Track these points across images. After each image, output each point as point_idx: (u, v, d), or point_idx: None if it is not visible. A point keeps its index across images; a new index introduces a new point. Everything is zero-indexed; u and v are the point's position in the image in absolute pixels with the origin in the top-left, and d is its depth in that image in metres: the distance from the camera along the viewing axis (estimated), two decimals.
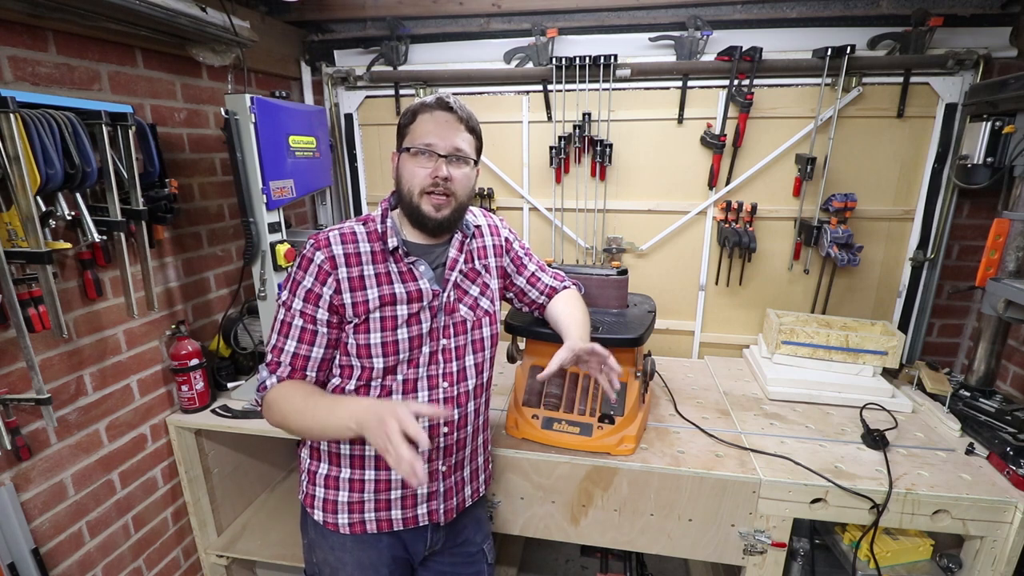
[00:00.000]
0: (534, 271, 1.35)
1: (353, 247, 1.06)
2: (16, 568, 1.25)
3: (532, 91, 2.07)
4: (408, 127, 1.07)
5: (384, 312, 1.06)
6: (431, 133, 1.04)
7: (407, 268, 1.09)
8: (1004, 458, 1.37)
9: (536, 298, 1.36)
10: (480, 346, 1.18)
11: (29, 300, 1.18)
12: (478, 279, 1.19)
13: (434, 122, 1.04)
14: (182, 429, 1.70)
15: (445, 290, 1.11)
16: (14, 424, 1.25)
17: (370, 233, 1.09)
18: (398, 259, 1.08)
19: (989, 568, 1.33)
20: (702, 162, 2.03)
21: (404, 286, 1.07)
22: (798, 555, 1.46)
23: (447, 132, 1.04)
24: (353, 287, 1.05)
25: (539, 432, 1.49)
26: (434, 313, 1.10)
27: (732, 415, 1.68)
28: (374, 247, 1.08)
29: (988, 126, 1.61)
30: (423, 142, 1.04)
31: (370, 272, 1.06)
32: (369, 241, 1.08)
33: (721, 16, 1.89)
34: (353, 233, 1.08)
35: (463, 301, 1.15)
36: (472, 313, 1.16)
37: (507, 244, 1.30)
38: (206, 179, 1.79)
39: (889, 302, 2.06)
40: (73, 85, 1.35)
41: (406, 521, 1.14)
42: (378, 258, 1.07)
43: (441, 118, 1.05)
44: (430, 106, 1.06)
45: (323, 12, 2.05)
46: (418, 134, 1.05)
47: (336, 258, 1.04)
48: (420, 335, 1.08)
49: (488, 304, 1.20)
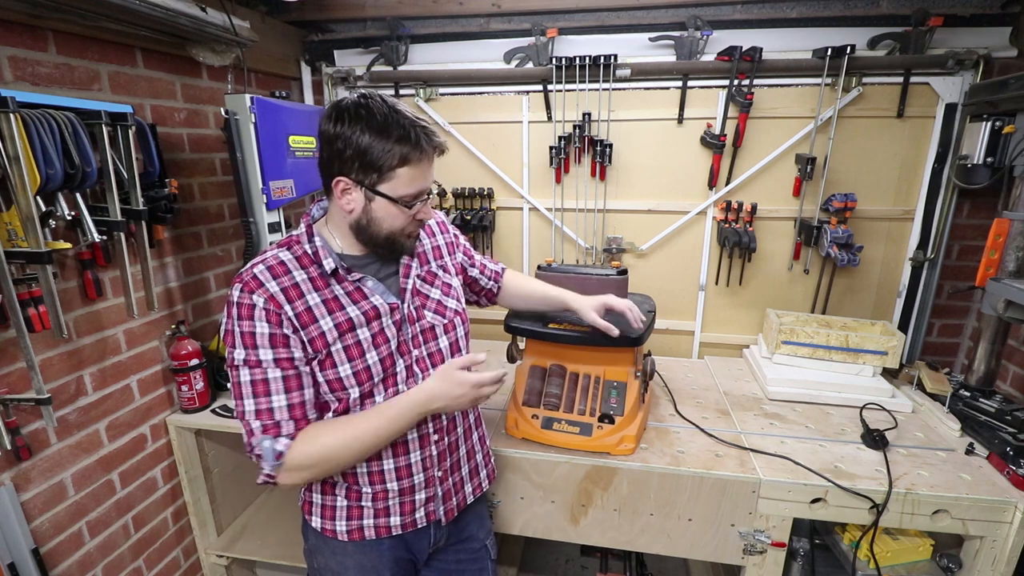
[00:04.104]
0: (480, 259, 1.36)
1: (288, 279, 0.95)
2: (16, 568, 1.25)
3: (532, 91, 2.07)
4: (394, 171, 0.91)
5: (346, 341, 0.98)
6: (421, 179, 0.94)
7: (354, 287, 1.00)
8: (1004, 458, 1.37)
9: (485, 284, 1.37)
10: (456, 347, 1.14)
11: (29, 300, 1.18)
12: (436, 281, 1.14)
13: (424, 167, 0.94)
14: (182, 429, 1.70)
15: (404, 300, 1.05)
16: (14, 424, 1.25)
17: (299, 258, 0.98)
18: (340, 279, 0.99)
19: (989, 568, 1.33)
20: (702, 162, 2.03)
21: (357, 307, 0.99)
22: (798, 555, 1.46)
23: (431, 172, 0.97)
24: (304, 323, 0.94)
25: (539, 432, 1.49)
26: (399, 327, 1.04)
27: (732, 415, 1.68)
28: (310, 272, 0.97)
29: (988, 126, 1.60)
30: (414, 192, 0.94)
31: (316, 301, 0.96)
32: (302, 267, 0.97)
33: (721, 16, 1.89)
34: (281, 263, 0.96)
35: (427, 307, 1.09)
36: (441, 317, 1.11)
37: (456, 239, 1.26)
38: (206, 179, 1.79)
39: (889, 302, 2.06)
40: (73, 85, 1.35)
41: (404, 526, 1.12)
42: (319, 284, 0.97)
43: (430, 161, 0.95)
44: (428, 152, 0.93)
45: (323, 12, 2.05)
46: (406, 180, 0.92)
47: (275, 296, 0.93)
48: (390, 353, 1.03)
49: (455, 303, 1.16)
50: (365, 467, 1.07)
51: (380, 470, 1.07)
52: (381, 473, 1.08)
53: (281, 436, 0.94)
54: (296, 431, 0.96)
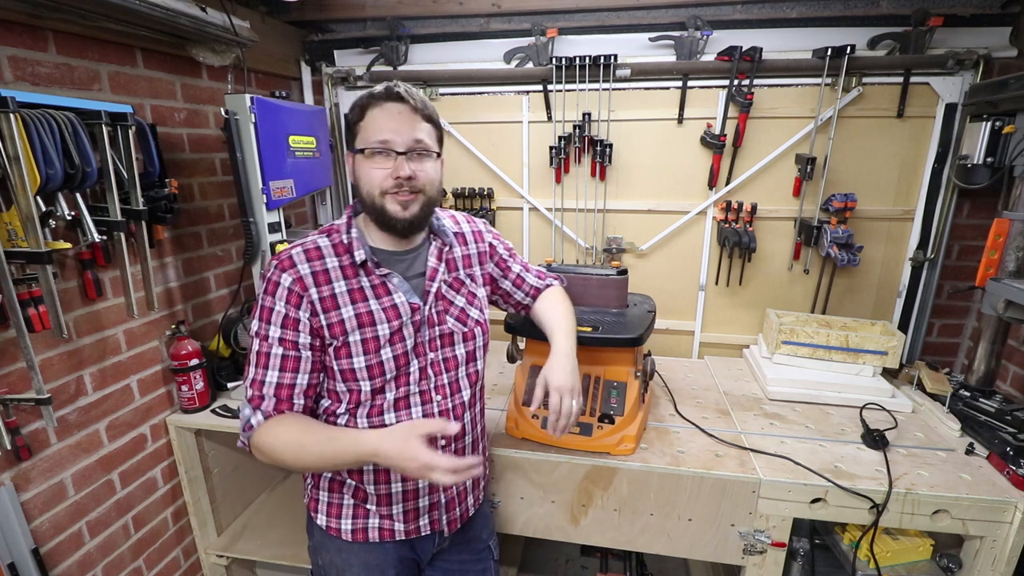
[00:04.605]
0: (519, 272, 1.31)
1: (320, 264, 0.99)
2: (16, 568, 1.25)
3: (532, 91, 2.07)
4: (358, 124, 0.98)
5: (364, 334, 1.00)
6: (385, 129, 0.95)
7: (380, 281, 1.02)
8: (1004, 458, 1.37)
9: (522, 299, 1.33)
10: (472, 356, 1.15)
11: (29, 300, 1.18)
12: (463, 289, 1.14)
13: (386, 116, 0.95)
14: (182, 429, 1.70)
15: (427, 303, 1.06)
16: (14, 424, 1.25)
17: (335, 246, 1.02)
18: (368, 272, 1.02)
19: (989, 568, 1.33)
20: (702, 162, 2.03)
21: (379, 302, 1.01)
22: (798, 555, 1.46)
23: (403, 126, 0.96)
24: (326, 307, 0.98)
25: (539, 432, 1.49)
26: (417, 328, 1.05)
27: (732, 415, 1.68)
28: (342, 261, 1.01)
29: (988, 126, 1.60)
30: (377, 140, 0.95)
31: (342, 289, 0.99)
32: (336, 255, 1.01)
33: (721, 16, 1.89)
34: (317, 248, 1.01)
35: (449, 312, 1.10)
36: (461, 325, 1.11)
37: (491, 249, 1.25)
38: (206, 179, 1.79)
39: (889, 302, 2.06)
40: (73, 85, 1.35)
41: (408, 532, 1.13)
42: (348, 272, 1.01)
43: (394, 110, 0.95)
44: (379, 98, 0.96)
45: (323, 12, 2.05)
46: (371, 131, 0.96)
47: (304, 278, 0.97)
48: (405, 352, 1.04)
49: (477, 314, 1.16)
50: (372, 465, 1.07)
51: (387, 469, 1.07)
52: (388, 472, 1.08)
53: (259, 410, 0.98)
54: (275, 411, 0.99)
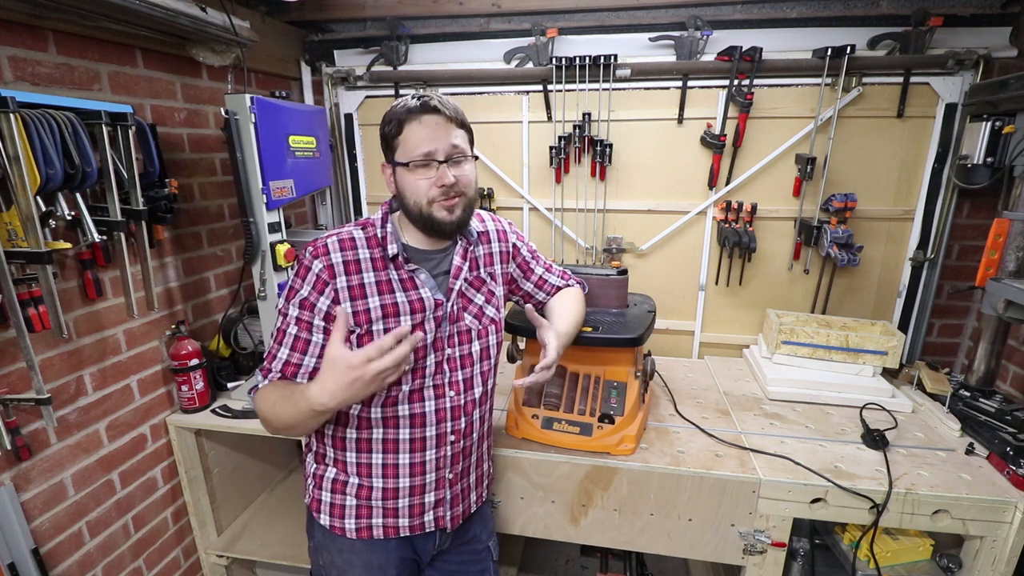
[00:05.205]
0: (541, 274, 1.35)
1: (352, 254, 1.04)
2: (16, 568, 1.25)
3: (532, 91, 2.07)
4: (397, 138, 1.02)
5: (388, 324, 1.03)
6: (426, 141, 0.99)
7: (408, 276, 1.06)
8: (1004, 458, 1.37)
9: (543, 299, 1.36)
10: (487, 354, 1.17)
11: (29, 300, 1.18)
12: (483, 287, 1.17)
13: (425, 128, 0.99)
14: (182, 429, 1.70)
15: (449, 299, 1.09)
16: (14, 424, 1.25)
17: (369, 239, 1.06)
18: (398, 266, 1.06)
19: (989, 568, 1.33)
20: (702, 162, 2.03)
21: (406, 295, 1.05)
22: (798, 555, 1.46)
23: (441, 135, 1.00)
24: (353, 296, 1.02)
25: (539, 432, 1.49)
26: (438, 323, 1.08)
27: (732, 415, 1.68)
28: (373, 253, 1.05)
29: (988, 126, 1.60)
30: (421, 152, 0.99)
31: (370, 280, 1.04)
32: (368, 247, 1.05)
33: (721, 16, 1.89)
34: (352, 239, 1.05)
35: (468, 310, 1.13)
36: (478, 322, 1.14)
37: (514, 250, 1.28)
38: (206, 179, 1.79)
39: (889, 302, 2.06)
40: (73, 85, 1.35)
41: (413, 528, 1.14)
42: (378, 265, 1.05)
43: (431, 122, 1.00)
44: (416, 111, 1.00)
45: (323, 12, 2.05)
46: (412, 144, 1.00)
47: (335, 266, 1.02)
48: (425, 345, 1.07)
49: (494, 312, 1.19)
50: (380, 458, 1.09)
51: (395, 463, 1.10)
52: (396, 467, 1.09)
53: (267, 379, 1.05)
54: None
